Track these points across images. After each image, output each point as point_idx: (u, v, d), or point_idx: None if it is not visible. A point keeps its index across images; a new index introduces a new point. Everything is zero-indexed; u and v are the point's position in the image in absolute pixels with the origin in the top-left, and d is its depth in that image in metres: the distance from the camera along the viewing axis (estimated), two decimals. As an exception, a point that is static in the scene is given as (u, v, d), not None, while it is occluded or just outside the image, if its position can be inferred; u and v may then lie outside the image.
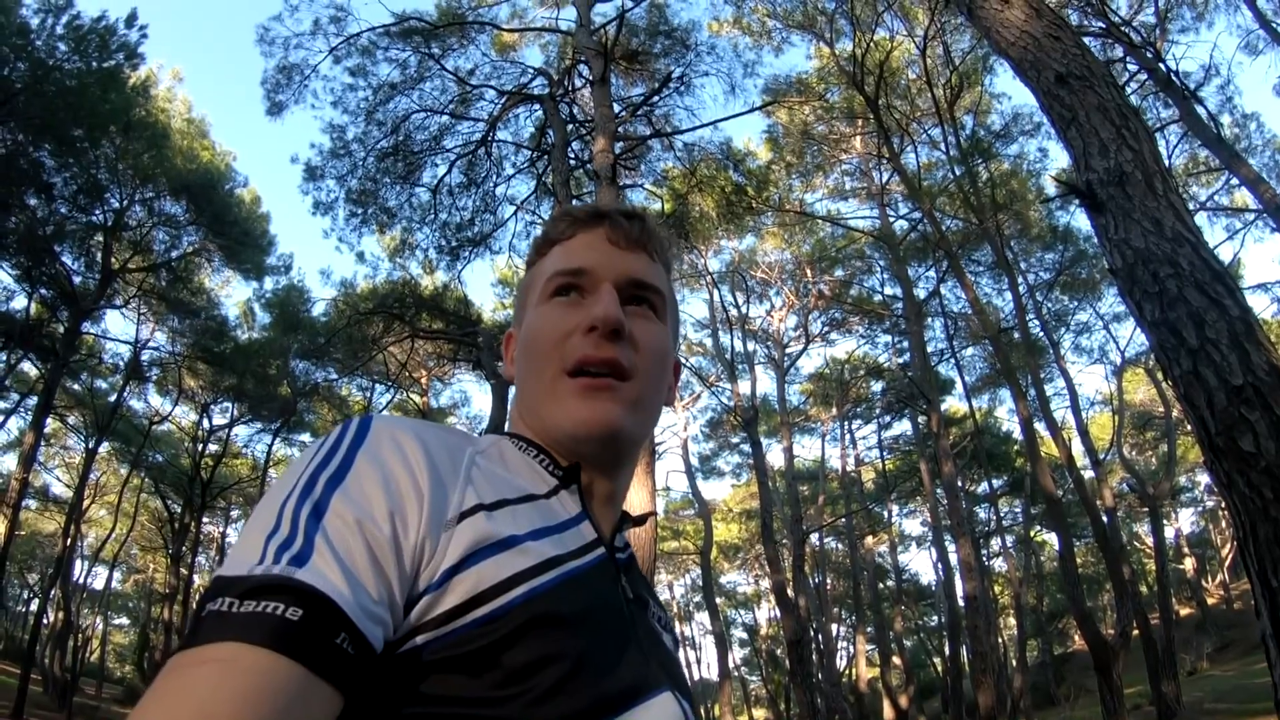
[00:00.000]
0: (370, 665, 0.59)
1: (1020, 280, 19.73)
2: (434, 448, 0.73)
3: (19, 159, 16.67)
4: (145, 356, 23.47)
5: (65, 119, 16.07)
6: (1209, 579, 38.80)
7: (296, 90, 14.68)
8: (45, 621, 26.54)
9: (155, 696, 0.52)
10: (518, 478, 0.81)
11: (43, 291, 20.00)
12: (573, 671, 0.65)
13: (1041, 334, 21.40)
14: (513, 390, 0.97)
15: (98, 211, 19.14)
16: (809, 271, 24.69)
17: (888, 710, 27.93)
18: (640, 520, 0.96)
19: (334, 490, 0.65)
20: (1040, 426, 17.93)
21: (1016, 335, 19.08)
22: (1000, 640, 31.42)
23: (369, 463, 0.68)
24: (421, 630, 0.64)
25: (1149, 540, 29.90)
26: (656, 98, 14.40)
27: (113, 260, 20.03)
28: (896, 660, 32.81)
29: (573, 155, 13.61)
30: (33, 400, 21.27)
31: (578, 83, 14.52)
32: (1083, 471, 17.88)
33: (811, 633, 25.10)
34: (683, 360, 1.04)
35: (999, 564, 33.86)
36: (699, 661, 48.76)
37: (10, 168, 16.48)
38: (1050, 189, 21.12)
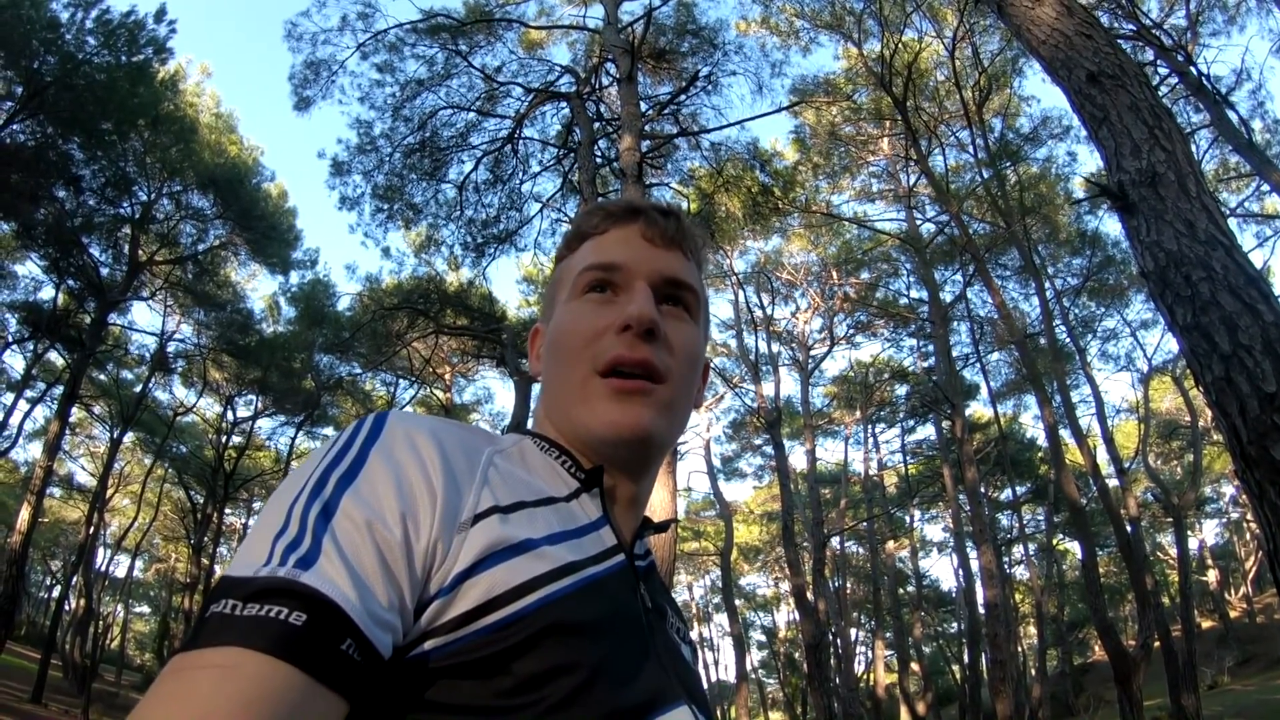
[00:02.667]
0: (378, 672, 0.58)
1: (1047, 285, 19.54)
2: (450, 447, 0.70)
3: (48, 152, 16.85)
4: (171, 348, 23.75)
5: (94, 112, 16.23)
6: (1232, 591, 38.34)
7: (324, 86, 14.79)
8: (67, 608, 26.93)
9: (155, 699, 0.51)
10: (537, 479, 0.78)
11: (70, 283, 20.24)
12: (587, 682, 0.63)
13: (1068, 340, 21.16)
14: (537, 387, 0.94)
15: (125, 204, 19.35)
16: (834, 274, 24.58)
17: (905, 717, 27.80)
18: (663, 526, 0.93)
19: (345, 489, 0.63)
20: (1065, 433, 17.71)
21: (1043, 341, 18.90)
22: (1020, 649, 31.19)
23: (382, 461, 0.66)
24: (431, 635, 0.62)
25: (1172, 551, 29.60)
26: (683, 96, 14.39)
27: (140, 253, 20.25)
28: (915, 666, 32.64)
29: (599, 153, 13.63)
30: (59, 390, 21.51)
31: (605, 81, 14.55)
32: (1107, 480, 17.70)
33: (830, 637, 24.96)
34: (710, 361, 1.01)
35: (1020, 572, 33.59)
36: (717, 663, 48.83)
37: (39, 160, 16.66)
38: (1079, 193, 20.92)
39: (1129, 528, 16.93)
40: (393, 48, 14.76)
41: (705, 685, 0.90)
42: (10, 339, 22.39)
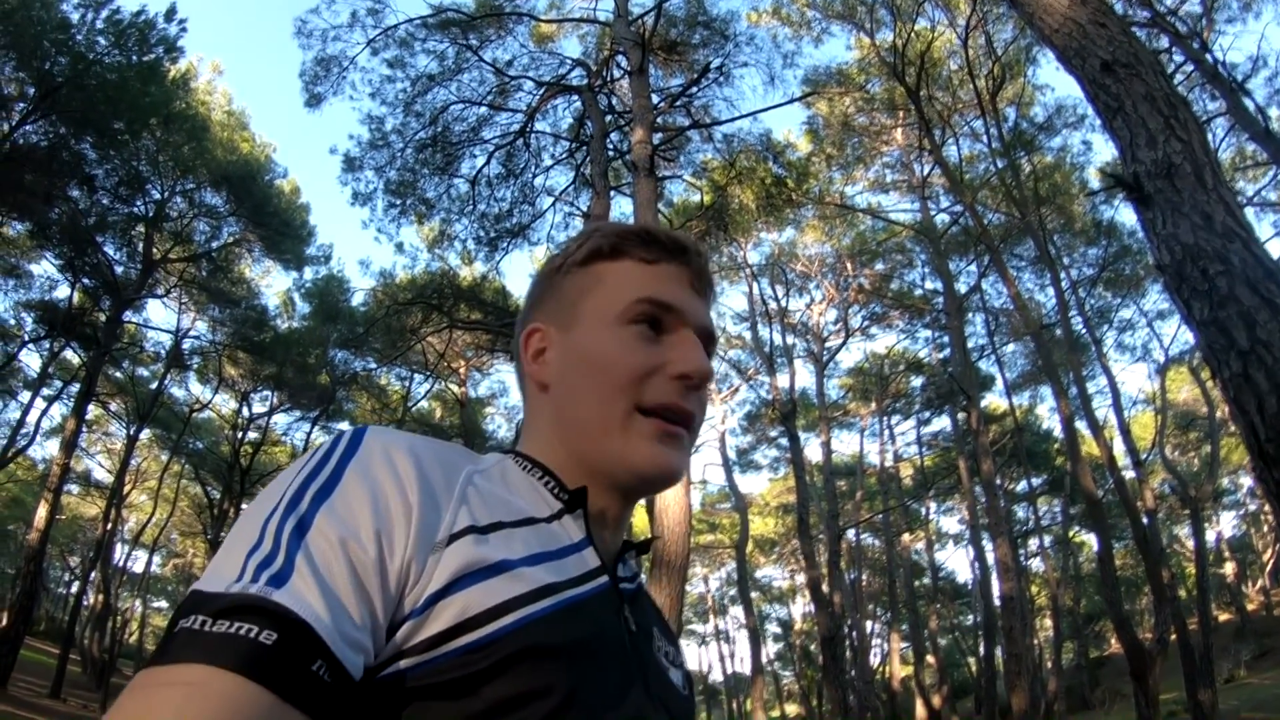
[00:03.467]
0: (348, 693, 0.56)
1: (1063, 276, 19.41)
2: (428, 464, 0.69)
3: (61, 152, 16.97)
4: (186, 345, 23.91)
5: (106, 112, 16.32)
6: (1249, 584, 38.06)
7: (335, 82, 14.82)
8: (85, 603, 27.15)
9: (118, 716, 0.50)
10: (519, 499, 0.76)
11: (85, 281, 20.40)
12: (561, 707, 0.62)
13: (1084, 331, 21.04)
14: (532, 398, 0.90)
15: (139, 203, 19.49)
16: (849, 265, 24.53)
17: (920, 709, 27.71)
18: (644, 547, 0.91)
19: (320, 505, 0.61)
20: (1081, 425, 17.61)
21: (1059, 332, 18.81)
22: (1036, 642, 31.08)
23: (358, 478, 0.64)
24: (403, 656, 0.60)
25: (1189, 543, 29.40)
26: (695, 88, 14.32)
27: (154, 250, 20.38)
28: (930, 659, 32.54)
29: (611, 146, 13.59)
30: (75, 388, 21.67)
31: (616, 73, 14.50)
32: (1124, 472, 17.58)
33: (846, 629, 24.97)
34: (718, 358, 0.99)
35: (1036, 564, 33.45)
36: (733, 655, 49.15)
37: (53, 160, 16.78)
38: (1094, 183, 20.78)
39: (1145, 520, 16.82)
40: (403, 43, 14.78)
41: (687, 697, 0.87)
42: (27, 338, 22.61)
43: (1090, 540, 32.05)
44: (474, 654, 0.60)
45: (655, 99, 13.16)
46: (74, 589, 35.66)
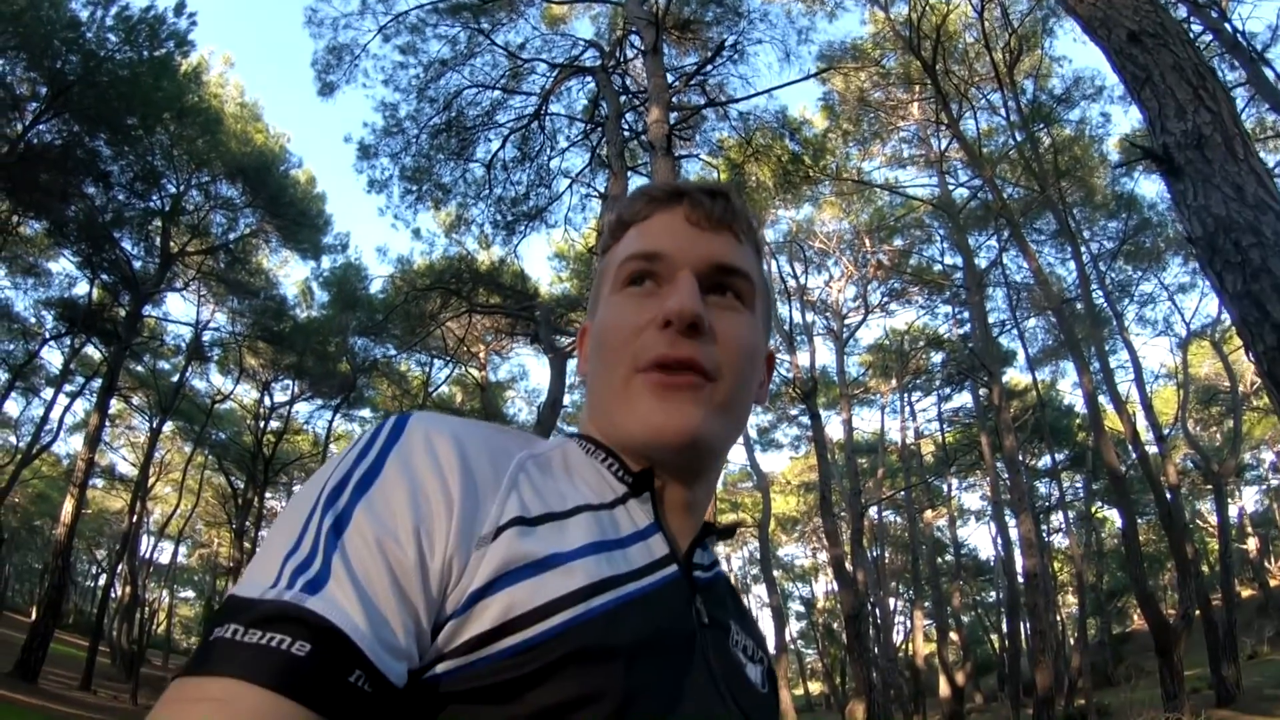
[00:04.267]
0: (391, 701, 0.53)
1: (1083, 249, 19.24)
2: (472, 452, 0.65)
3: (76, 149, 17.07)
4: (206, 337, 24.11)
5: (119, 108, 16.39)
6: (1272, 560, 37.76)
7: (347, 70, 14.85)
8: (113, 596, 27.46)
9: None
10: (580, 485, 0.72)
11: (104, 277, 20.55)
12: (616, 713, 0.57)
13: (1105, 305, 20.86)
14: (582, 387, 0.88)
15: (155, 197, 19.59)
16: (867, 241, 24.44)
17: (943, 686, 27.62)
18: (728, 532, 0.86)
19: (359, 500, 0.59)
20: (1104, 400, 17.51)
21: (1080, 306, 18.64)
22: (1059, 618, 30.99)
23: (398, 469, 0.61)
24: (445, 658, 0.57)
25: (1212, 519, 29.21)
26: (710, 67, 14.27)
27: (171, 244, 20.49)
28: (954, 636, 32.43)
29: (627, 127, 13.54)
30: (97, 383, 21.86)
31: (630, 53, 14.48)
32: (1146, 447, 17.46)
33: (869, 607, 24.97)
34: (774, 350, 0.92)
35: (1059, 540, 33.31)
36: (756, 635, 49.07)
37: (67, 158, 16.89)
38: (1114, 155, 20.57)
39: (1169, 495, 16.73)
40: (414, 29, 14.77)
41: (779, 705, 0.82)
42: (48, 335, 22.81)
43: (1113, 516, 31.92)
44: (519, 657, 0.56)
45: (670, 78, 13.10)
46: (101, 582, 36.16)
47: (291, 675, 0.49)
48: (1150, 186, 21.63)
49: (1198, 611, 14.90)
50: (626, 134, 13.27)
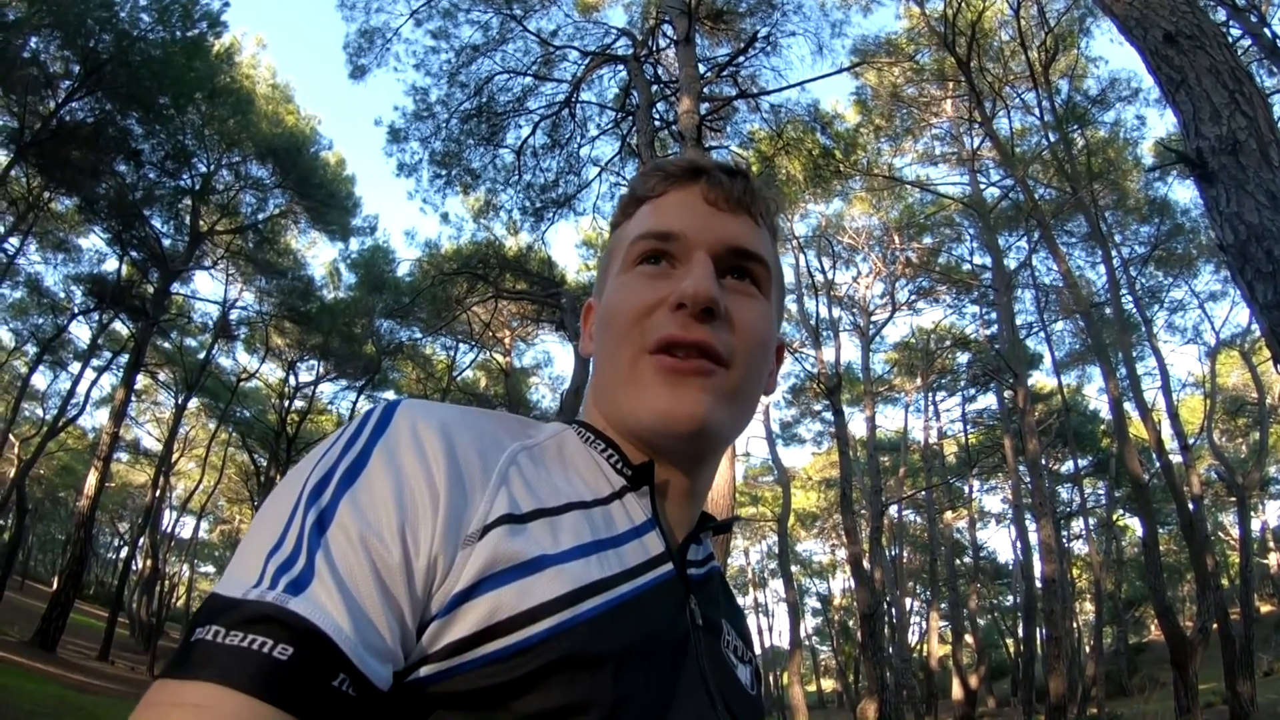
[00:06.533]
0: (375, 703, 0.52)
1: (1114, 253, 19.04)
2: (461, 444, 0.63)
3: (107, 128, 17.24)
4: (233, 316, 24.30)
5: (151, 88, 16.54)
6: (1292, 576, 37.34)
7: (379, 54, 14.86)
8: (134, 568, 27.79)
9: None
10: (575, 478, 0.70)
11: (133, 254, 20.77)
12: None
13: (1134, 310, 20.65)
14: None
15: (185, 176, 19.76)
16: (896, 238, 24.31)
17: (956, 689, 27.57)
18: (724, 526, 0.83)
19: (344, 493, 0.57)
20: (1129, 407, 17.30)
21: (1108, 311, 18.45)
22: (1075, 625, 30.76)
23: (384, 462, 0.59)
24: (428, 660, 0.56)
25: (1234, 531, 28.86)
26: (742, 58, 14.14)
27: (201, 223, 20.70)
28: (969, 639, 32.33)
29: (657, 116, 13.45)
30: (124, 358, 22.09)
31: (662, 43, 14.39)
32: (1170, 456, 17.27)
33: (885, 606, 24.87)
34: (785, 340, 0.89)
35: (1079, 546, 33.07)
36: (771, 629, 49.26)
37: (99, 136, 17.07)
38: (1148, 159, 20.32)
39: (1191, 506, 16.55)
40: (446, 14, 14.75)
41: (762, 693, 0.81)
42: (76, 310, 23.06)
43: (1134, 524, 31.61)
44: (504, 663, 0.55)
45: (702, 68, 13.03)
46: (123, 554, 36.54)
47: (272, 679, 0.48)
48: (1184, 191, 21.34)
49: (1215, 625, 14.73)
50: (657, 123, 13.20)
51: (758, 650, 0.79)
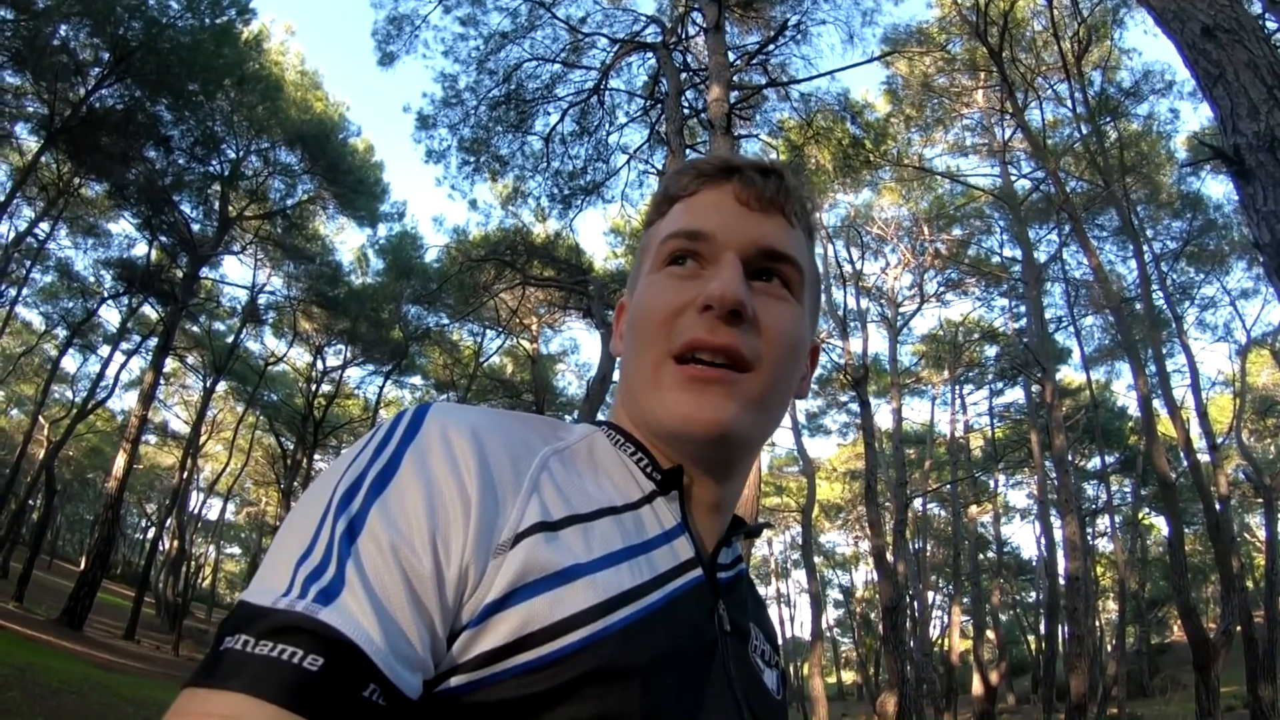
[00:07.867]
0: (404, 713, 0.52)
1: (1146, 248, 18.81)
2: (493, 450, 0.62)
3: (137, 114, 17.44)
4: (261, 300, 24.56)
5: (180, 74, 16.70)
6: (1318, 580, 36.85)
7: (407, 40, 14.89)
8: (161, 549, 28.12)
9: None
10: (605, 482, 0.69)
11: (163, 239, 21.03)
12: None
13: (1165, 306, 20.40)
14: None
15: (215, 162, 19.96)
16: (926, 229, 24.17)
17: (976, 684, 27.38)
18: (755, 530, 0.83)
19: (374, 502, 0.56)
20: (1158, 404, 17.13)
21: (1139, 306, 18.24)
22: (1098, 624, 30.54)
23: (414, 468, 0.58)
24: (458, 670, 0.55)
25: (1260, 533, 28.55)
26: (772, 46, 14.06)
27: (230, 208, 20.87)
28: (990, 635, 32.17)
29: (686, 104, 13.41)
30: (153, 342, 22.35)
31: (691, 30, 14.35)
32: (1198, 455, 17.06)
33: (907, 599, 24.78)
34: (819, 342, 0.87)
35: (1104, 544, 32.82)
36: (793, 620, 49.13)
37: (129, 122, 17.25)
38: (1181, 153, 20.05)
39: (1218, 506, 16.37)
40: (475, 0, 14.75)
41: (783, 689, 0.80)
42: (106, 294, 23.38)
43: (1160, 523, 31.34)
44: (532, 675, 0.54)
45: (731, 56, 12.95)
46: (150, 535, 37.09)
47: (302, 690, 0.47)
48: (1217, 187, 21.08)
49: (1239, 627, 14.57)
50: (686, 111, 13.16)
51: (778, 640, 0.79)
